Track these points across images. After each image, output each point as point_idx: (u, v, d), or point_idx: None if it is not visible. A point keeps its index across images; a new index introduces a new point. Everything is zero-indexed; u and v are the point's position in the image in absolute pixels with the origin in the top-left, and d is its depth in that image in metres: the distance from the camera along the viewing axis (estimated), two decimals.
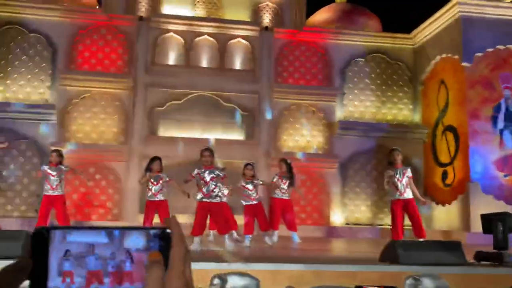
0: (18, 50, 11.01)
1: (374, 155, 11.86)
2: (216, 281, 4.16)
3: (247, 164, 7.51)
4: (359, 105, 12.22)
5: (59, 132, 10.79)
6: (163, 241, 0.57)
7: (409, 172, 7.00)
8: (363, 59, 12.39)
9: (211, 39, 11.80)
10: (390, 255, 4.65)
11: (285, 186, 8.27)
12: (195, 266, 2.86)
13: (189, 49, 11.63)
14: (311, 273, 4.33)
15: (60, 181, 7.42)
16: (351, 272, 4.41)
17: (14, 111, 10.47)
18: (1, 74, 10.86)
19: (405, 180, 6.93)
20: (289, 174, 8.32)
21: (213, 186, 6.20)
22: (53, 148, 8.08)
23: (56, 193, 7.36)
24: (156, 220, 7.38)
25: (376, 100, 12.29)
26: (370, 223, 11.59)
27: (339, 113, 12.02)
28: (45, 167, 7.48)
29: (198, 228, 6.15)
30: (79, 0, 11.64)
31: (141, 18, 11.45)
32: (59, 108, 10.83)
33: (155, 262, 0.55)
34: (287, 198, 8.31)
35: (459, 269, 4.42)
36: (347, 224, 11.54)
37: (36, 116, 10.63)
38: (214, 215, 6.27)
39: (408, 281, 4.34)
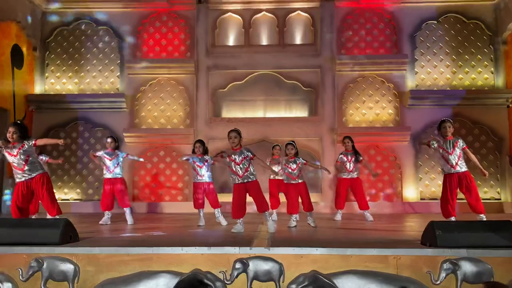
0: (89, 43, 11.68)
1: None
2: (238, 265, 4.12)
3: (287, 144, 7.24)
4: (432, 72, 11.30)
5: (130, 118, 11.34)
6: None
7: (461, 143, 6.37)
8: (435, 22, 11.40)
9: (269, 15, 11.57)
10: (429, 237, 4.27)
11: (351, 164, 8.02)
12: (217, 250, 2.77)
13: (248, 27, 11.51)
14: (337, 258, 4.11)
15: (117, 165, 7.73)
16: (382, 256, 4.12)
17: (88, 101, 11.18)
18: (76, 67, 11.61)
19: (456, 152, 6.32)
20: (354, 151, 8.08)
21: (245, 167, 6.06)
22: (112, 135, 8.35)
23: (110, 176, 7.61)
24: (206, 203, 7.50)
25: (451, 65, 11.28)
26: None
27: (410, 82, 11.24)
28: (101, 152, 7.72)
29: (237, 211, 6.10)
30: None
31: (199, 1, 11.53)
32: (129, 96, 11.36)
33: None
34: (354, 176, 8.07)
35: (506, 252, 3.93)
36: (422, 199, 10.88)
37: (108, 105, 11.25)
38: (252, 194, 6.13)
39: (445, 265, 3.99)
